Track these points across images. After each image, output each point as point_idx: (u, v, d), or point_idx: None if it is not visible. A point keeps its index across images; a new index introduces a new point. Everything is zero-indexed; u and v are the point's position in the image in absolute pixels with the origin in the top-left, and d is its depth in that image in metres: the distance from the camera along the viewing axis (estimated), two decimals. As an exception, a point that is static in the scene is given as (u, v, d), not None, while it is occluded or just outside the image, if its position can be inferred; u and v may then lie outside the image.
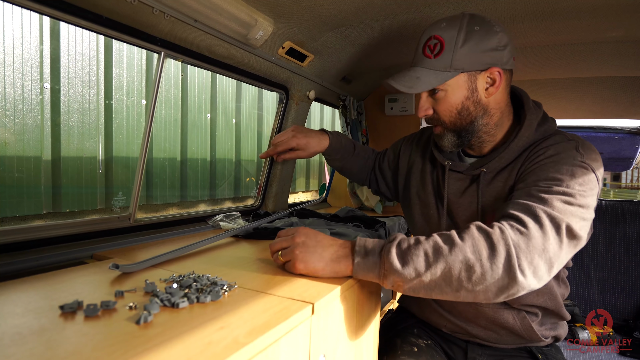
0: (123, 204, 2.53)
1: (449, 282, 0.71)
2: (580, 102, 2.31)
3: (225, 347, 0.49)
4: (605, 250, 1.62)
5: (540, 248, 0.71)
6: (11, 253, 0.92)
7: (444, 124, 0.97)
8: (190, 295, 0.65)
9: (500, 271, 0.69)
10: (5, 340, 0.49)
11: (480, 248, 0.70)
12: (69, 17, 0.91)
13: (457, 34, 0.88)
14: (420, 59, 0.93)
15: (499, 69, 0.90)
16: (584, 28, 1.29)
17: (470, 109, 0.93)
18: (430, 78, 0.90)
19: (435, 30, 0.91)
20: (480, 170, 0.96)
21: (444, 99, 0.93)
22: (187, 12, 1.05)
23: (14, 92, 1.96)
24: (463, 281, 0.70)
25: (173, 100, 2.95)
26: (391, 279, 0.74)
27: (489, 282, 0.69)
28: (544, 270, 0.71)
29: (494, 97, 0.94)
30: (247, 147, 3.73)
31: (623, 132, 3.29)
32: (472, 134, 0.97)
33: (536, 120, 0.94)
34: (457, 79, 0.91)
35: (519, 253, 0.69)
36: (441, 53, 0.89)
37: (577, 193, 0.77)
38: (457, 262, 0.70)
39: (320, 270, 0.80)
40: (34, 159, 2.09)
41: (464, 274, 0.70)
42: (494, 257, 0.69)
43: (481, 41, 0.88)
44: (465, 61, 0.88)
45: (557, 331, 1.02)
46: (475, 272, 0.69)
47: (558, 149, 0.86)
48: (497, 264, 0.69)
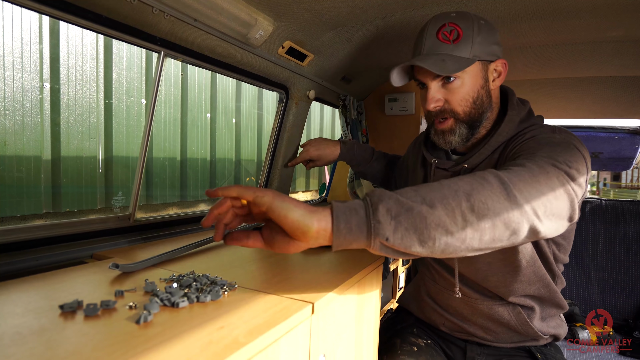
0: (123, 204, 2.52)
1: (452, 217, 0.60)
2: (580, 101, 2.30)
3: (225, 347, 0.49)
4: (605, 250, 1.62)
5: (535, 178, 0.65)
6: (11, 253, 0.92)
7: (457, 115, 0.94)
8: (190, 294, 0.65)
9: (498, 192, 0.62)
10: (5, 340, 0.49)
11: (474, 181, 0.63)
12: (69, 16, 0.91)
13: (472, 24, 0.89)
14: (438, 45, 0.89)
15: (505, 60, 0.94)
16: (584, 27, 1.29)
17: (484, 98, 0.94)
18: (454, 63, 0.87)
19: (447, 19, 0.90)
20: (462, 167, 0.97)
21: (460, 88, 0.91)
22: (187, 12, 1.05)
23: (13, 92, 1.95)
24: (466, 213, 0.60)
25: (173, 99, 2.95)
26: (383, 235, 0.59)
27: (492, 212, 0.60)
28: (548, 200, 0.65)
29: (495, 90, 0.96)
30: (247, 147, 3.72)
31: (623, 131, 3.29)
32: (480, 126, 0.96)
33: (518, 117, 0.94)
34: (475, 67, 0.91)
35: (512, 179, 0.64)
36: (459, 39, 0.88)
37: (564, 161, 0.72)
38: (453, 192, 0.61)
39: (293, 215, 0.61)
40: (34, 159, 2.09)
41: (465, 204, 0.60)
42: (489, 183, 0.63)
43: (490, 33, 0.91)
44: (482, 50, 0.90)
45: (556, 330, 1.02)
46: (475, 200, 0.60)
47: (537, 131, 0.87)
48: (494, 188, 0.62)
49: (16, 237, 0.94)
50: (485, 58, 0.91)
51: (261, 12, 1.20)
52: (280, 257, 0.96)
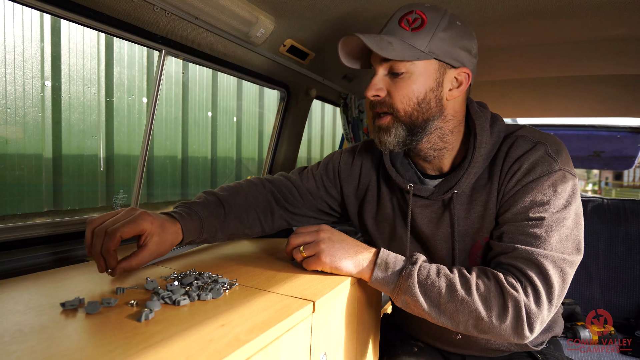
0: (124, 202, 2.52)
1: (456, 324, 0.75)
2: (582, 100, 2.30)
3: (226, 345, 0.49)
4: (607, 249, 1.62)
5: (548, 304, 0.73)
6: (12, 251, 0.93)
7: (397, 113, 0.83)
8: (191, 292, 0.65)
9: (508, 328, 0.72)
10: (6, 338, 0.49)
11: (492, 305, 0.72)
12: (70, 14, 0.91)
13: (441, 17, 0.81)
14: (395, 29, 0.81)
15: (469, 71, 0.84)
16: (586, 26, 1.29)
17: (432, 103, 0.83)
18: (403, 49, 0.79)
19: (417, 7, 0.82)
20: (452, 193, 0.87)
21: (407, 82, 0.81)
22: (188, 10, 1.05)
23: (15, 90, 1.96)
24: (469, 327, 0.75)
25: (174, 98, 2.95)
26: (403, 298, 0.78)
27: (495, 334, 0.74)
28: (549, 315, 0.74)
29: (452, 102, 0.86)
30: (248, 146, 3.73)
31: (625, 130, 3.28)
32: (423, 135, 0.85)
33: (486, 123, 0.87)
34: (428, 64, 0.81)
35: (530, 315, 0.71)
36: (420, 29, 0.79)
37: (566, 212, 0.77)
38: (467, 312, 0.73)
39: (345, 268, 0.80)
40: (35, 157, 2.09)
41: (472, 322, 0.74)
42: (504, 316, 0.72)
43: (460, 36, 0.82)
44: (442, 48, 0.80)
45: (552, 331, 1.01)
46: (483, 325, 0.73)
47: (532, 160, 0.80)
48: (506, 322, 0.72)
49: (17, 235, 0.94)
50: (444, 59, 0.81)
51: (262, 10, 1.20)
52: (281, 256, 0.96)
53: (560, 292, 0.74)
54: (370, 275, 0.80)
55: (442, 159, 0.90)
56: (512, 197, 0.81)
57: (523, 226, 0.78)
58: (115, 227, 0.71)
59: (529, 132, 0.86)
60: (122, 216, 0.75)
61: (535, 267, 0.74)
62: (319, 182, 1.07)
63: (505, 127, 0.89)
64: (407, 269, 0.78)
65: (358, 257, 0.81)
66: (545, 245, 0.75)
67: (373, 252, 0.83)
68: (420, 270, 0.77)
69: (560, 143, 0.84)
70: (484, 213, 0.86)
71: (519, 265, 0.75)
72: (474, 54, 0.85)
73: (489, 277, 0.75)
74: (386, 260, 0.80)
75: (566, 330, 1.50)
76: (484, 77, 2.00)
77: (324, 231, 0.84)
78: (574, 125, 3.36)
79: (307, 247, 0.82)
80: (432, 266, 0.78)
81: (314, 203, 1.07)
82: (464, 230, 0.88)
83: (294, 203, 1.05)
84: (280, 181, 1.07)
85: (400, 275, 0.78)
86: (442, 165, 0.92)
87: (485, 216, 0.85)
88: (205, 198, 0.94)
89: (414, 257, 0.80)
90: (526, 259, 0.75)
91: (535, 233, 0.76)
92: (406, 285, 0.76)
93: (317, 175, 1.07)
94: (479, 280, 0.75)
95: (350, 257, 0.81)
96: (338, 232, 0.85)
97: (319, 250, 0.81)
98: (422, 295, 0.76)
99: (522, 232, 0.77)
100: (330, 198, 1.07)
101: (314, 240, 0.82)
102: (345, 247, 0.82)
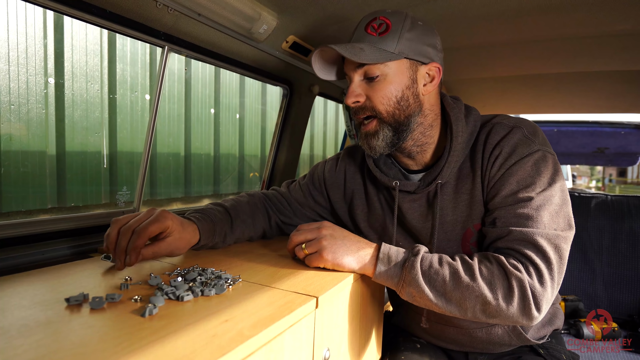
0: (127, 199, 2.53)
1: (464, 311, 0.76)
2: (586, 96, 2.29)
3: (230, 340, 0.49)
4: (610, 246, 1.62)
5: (550, 281, 0.74)
6: (17, 247, 0.93)
7: (380, 115, 0.87)
8: (194, 288, 0.66)
9: (516, 310, 0.73)
10: (12, 332, 0.50)
11: (497, 287, 0.73)
12: (73, 11, 0.91)
13: (404, 20, 0.85)
14: (363, 36, 0.85)
15: (439, 65, 0.88)
16: (590, 21, 1.28)
17: (410, 100, 0.87)
18: (375, 53, 0.82)
19: (380, 13, 0.86)
20: (436, 184, 0.89)
21: (383, 84, 0.85)
22: (191, 6, 1.05)
23: (18, 87, 1.96)
24: (477, 313, 0.75)
25: (177, 95, 2.95)
26: (409, 291, 0.78)
27: (503, 317, 0.74)
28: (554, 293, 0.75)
29: (428, 97, 0.89)
30: (251, 142, 3.73)
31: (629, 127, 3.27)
32: (408, 133, 0.89)
33: (461, 113, 0.90)
34: (400, 64, 0.85)
35: (536, 294, 0.72)
36: (387, 32, 0.84)
37: (552, 190, 0.79)
38: (474, 297, 0.74)
39: (347, 264, 0.81)
40: (39, 154, 2.10)
41: (479, 307, 0.74)
42: (510, 298, 0.72)
43: (424, 34, 0.86)
44: (410, 47, 0.84)
45: (553, 324, 1.02)
46: (491, 309, 0.73)
47: (511, 143, 0.83)
48: (513, 304, 0.72)
49: (22, 232, 0.95)
50: (414, 57, 0.85)
51: (265, 7, 1.20)
52: (284, 252, 0.96)
53: (559, 268, 0.76)
54: (373, 270, 0.81)
55: (425, 153, 0.93)
56: (498, 182, 0.83)
57: (513, 209, 0.80)
58: (143, 226, 0.75)
59: (504, 119, 0.89)
60: (145, 216, 0.78)
61: (533, 247, 0.75)
62: (306, 192, 1.11)
63: (480, 116, 0.93)
64: (409, 260, 0.78)
65: (360, 252, 0.82)
66: (538, 224, 0.76)
67: (374, 247, 0.83)
68: (422, 261, 0.78)
69: (535, 126, 0.87)
70: (471, 200, 0.88)
71: (516, 247, 0.77)
72: (439, 49, 0.90)
73: (491, 260, 0.76)
74: (388, 253, 0.80)
75: (569, 326, 1.50)
76: (487, 73, 1.99)
77: (325, 228, 0.84)
78: (578, 122, 3.35)
79: (309, 245, 0.83)
80: (434, 255, 0.79)
81: (304, 212, 1.11)
82: (453, 219, 0.90)
83: (285, 214, 1.10)
84: (273, 194, 1.14)
85: (404, 267, 0.78)
86: (425, 160, 0.95)
87: (472, 203, 0.88)
88: (212, 206, 0.99)
89: (416, 248, 0.81)
90: (522, 240, 0.76)
91: (527, 214, 0.78)
92: (410, 276, 0.77)
93: (304, 186, 1.12)
94: (482, 265, 0.76)
95: (352, 253, 0.81)
96: (340, 229, 0.86)
97: (321, 247, 0.81)
98: (427, 285, 0.76)
99: (513, 215, 0.79)
100: (318, 206, 1.12)
101: (316, 237, 0.83)
102: (347, 244, 0.82)
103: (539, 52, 1.63)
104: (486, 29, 1.37)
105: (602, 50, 1.54)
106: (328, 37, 1.45)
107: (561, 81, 2.03)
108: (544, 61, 1.75)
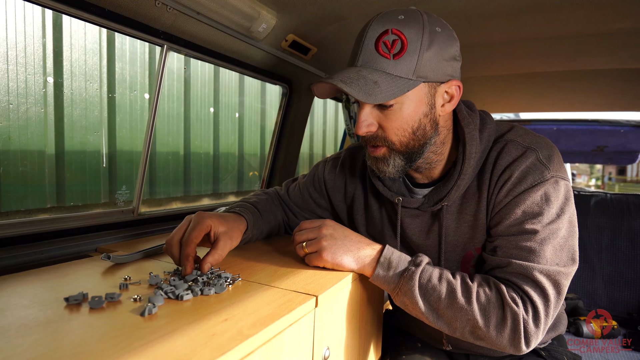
0: (127, 198, 2.53)
1: (452, 330, 0.76)
2: (586, 94, 2.29)
3: (229, 339, 0.49)
4: (610, 244, 1.62)
5: (545, 319, 0.72)
6: (16, 246, 0.93)
7: (392, 145, 0.79)
8: (194, 287, 0.66)
9: (505, 340, 0.72)
10: (11, 332, 0.50)
11: (491, 315, 0.72)
12: (72, 9, 0.91)
13: (422, 32, 0.72)
14: (373, 58, 0.73)
15: (459, 82, 0.79)
16: (590, 19, 1.28)
17: (427, 128, 0.79)
18: (390, 85, 0.72)
19: (391, 23, 0.73)
20: (441, 206, 0.84)
21: (398, 114, 0.76)
22: (190, 5, 1.05)
23: (17, 86, 1.96)
24: (466, 334, 0.75)
25: (176, 94, 2.95)
26: (402, 300, 0.78)
27: (491, 344, 0.74)
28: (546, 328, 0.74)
29: (444, 116, 0.82)
30: (251, 141, 3.72)
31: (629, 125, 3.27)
32: (420, 157, 0.82)
33: (476, 130, 0.82)
34: (418, 90, 0.75)
35: (528, 331, 0.71)
36: (402, 54, 0.72)
37: (560, 222, 0.75)
38: (465, 320, 0.73)
39: (346, 264, 0.80)
40: (38, 153, 2.10)
41: (468, 329, 0.74)
42: (502, 328, 0.72)
43: (444, 47, 0.75)
44: (430, 68, 0.74)
45: (557, 330, 1.00)
46: (480, 333, 0.73)
47: (522, 168, 0.77)
48: (504, 335, 0.72)
49: (22, 231, 0.95)
50: (433, 79, 0.75)
51: (264, 5, 1.19)
52: (284, 251, 0.96)
53: (556, 304, 0.73)
54: (371, 272, 0.80)
55: (434, 170, 0.88)
56: (504, 209, 0.78)
57: (516, 240, 0.76)
58: (187, 237, 0.75)
59: (519, 136, 0.81)
60: (184, 225, 0.79)
61: (532, 283, 0.73)
62: (305, 195, 1.09)
63: (495, 128, 0.85)
64: (409, 270, 0.77)
65: (360, 253, 0.81)
66: (540, 259, 0.73)
67: (377, 250, 0.82)
68: (422, 273, 0.76)
69: (551, 147, 0.80)
70: (474, 223, 0.84)
71: (514, 280, 0.74)
72: (459, 57, 0.80)
73: (491, 287, 0.74)
74: (389, 259, 0.79)
75: (569, 325, 1.51)
76: (486, 71, 1.99)
77: (326, 227, 0.83)
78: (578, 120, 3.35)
79: (310, 244, 0.82)
80: (435, 270, 0.77)
81: (304, 215, 1.11)
82: (454, 240, 0.87)
83: (288, 215, 1.11)
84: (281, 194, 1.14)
85: (402, 276, 0.77)
86: (432, 175, 0.89)
87: (475, 226, 0.84)
88: (241, 203, 1.00)
89: (418, 258, 0.79)
90: (521, 274, 0.73)
91: (529, 247, 0.74)
92: (407, 287, 0.76)
93: (303, 188, 1.10)
94: (480, 289, 0.74)
95: (352, 253, 0.81)
96: (341, 228, 0.85)
97: (321, 247, 0.81)
98: (421, 298, 0.76)
99: (515, 246, 0.75)
100: (319, 209, 1.10)
101: (316, 236, 0.82)
102: (348, 244, 0.82)
103: (539, 51, 1.63)
104: (486, 27, 1.37)
105: (601, 48, 1.54)
106: (328, 35, 1.45)
107: (561, 79, 2.03)
108: (543, 59, 1.75)
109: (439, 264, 0.88)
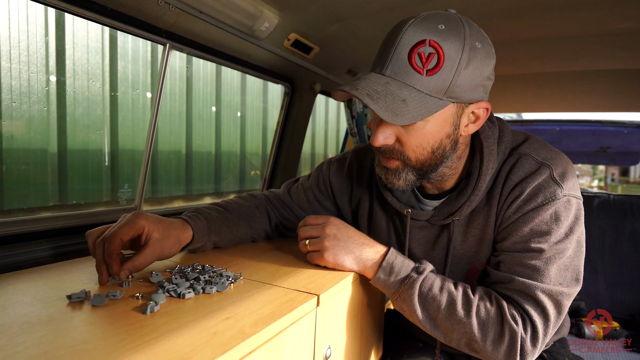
0: (129, 197, 2.54)
1: (448, 340, 0.76)
2: (588, 95, 2.28)
3: (231, 337, 0.50)
4: (612, 245, 1.61)
5: (543, 338, 0.72)
6: (19, 244, 0.93)
7: (407, 161, 0.76)
8: (196, 286, 0.66)
9: (501, 356, 0.72)
10: (14, 329, 0.50)
11: (489, 330, 0.72)
12: (75, 8, 0.91)
13: (462, 48, 0.66)
14: (405, 70, 0.67)
15: (488, 104, 0.74)
16: (592, 20, 1.27)
17: (447, 148, 0.75)
18: (419, 105, 0.67)
19: (430, 33, 0.66)
20: (452, 220, 0.82)
21: (420, 132, 0.72)
22: (192, 4, 1.05)
23: (20, 85, 1.96)
24: (461, 345, 0.75)
25: (178, 93, 2.95)
26: (401, 305, 0.78)
27: (486, 357, 0.73)
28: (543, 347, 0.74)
29: (465, 137, 0.79)
30: (252, 141, 3.73)
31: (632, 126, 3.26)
32: (434, 173, 0.79)
33: (495, 143, 0.79)
34: (445, 111, 0.71)
35: (525, 350, 0.71)
36: (437, 70, 0.66)
37: (567, 242, 0.73)
38: (462, 332, 0.73)
39: (348, 265, 0.80)
40: (40, 152, 2.10)
41: (464, 341, 0.74)
42: (499, 344, 0.71)
43: (481, 66, 0.69)
44: (463, 89, 0.69)
45: (560, 333, 1.00)
46: (476, 346, 0.73)
47: (534, 185, 0.74)
48: (500, 350, 0.71)
49: (24, 229, 0.95)
50: (464, 100, 0.70)
51: (266, 4, 1.20)
52: (286, 250, 0.96)
53: (555, 323, 0.73)
54: (373, 275, 0.80)
55: (447, 182, 0.85)
56: (511, 225, 0.76)
57: (521, 257, 0.74)
58: (113, 231, 0.69)
59: (533, 150, 0.78)
60: (118, 221, 0.72)
61: (533, 302, 0.72)
62: (310, 197, 1.06)
63: (510, 140, 0.82)
64: (410, 278, 0.76)
65: (362, 255, 0.80)
66: (544, 278, 0.71)
67: (380, 254, 0.80)
68: (424, 281, 0.75)
69: (567, 163, 0.77)
70: (481, 237, 0.82)
71: (515, 297, 0.73)
72: (492, 77, 0.74)
73: (492, 302, 0.74)
74: (392, 263, 0.78)
75: (571, 325, 1.50)
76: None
77: (330, 226, 0.82)
78: (581, 121, 3.35)
79: (312, 242, 0.82)
80: (437, 278, 0.76)
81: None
82: (461, 253, 0.86)
83: (287, 217, 1.07)
84: (274, 197, 1.09)
85: (403, 283, 0.76)
86: (444, 186, 0.86)
87: (482, 241, 0.82)
88: (210, 206, 0.95)
89: (422, 266, 0.78)
90: (523, 292, 0.72)
91: (534, 265, 0.72)
92: (406, 294, 0.76)
93: (308, 190, 1.06)
94: (482, 302, 0.73)
95: (354, 255, 0.80)
96: (345, 227, 0.83)
97: (323, 247, 0.80)
98: (420, 306, 0.75)
99: (519, 263, 0.74)
100: (325, 211, 1.07)
101: (320, 236, 0.82)
102: (350, 246, 0.80)
103: (541, 51, 1.62)
104: (487, 27, 1.36)
105: (603, 48, 1.54)
106: (330, 34, 1.45)
107: (563, 80, 2.03)
108: (545, 60, 1.75)
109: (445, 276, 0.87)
